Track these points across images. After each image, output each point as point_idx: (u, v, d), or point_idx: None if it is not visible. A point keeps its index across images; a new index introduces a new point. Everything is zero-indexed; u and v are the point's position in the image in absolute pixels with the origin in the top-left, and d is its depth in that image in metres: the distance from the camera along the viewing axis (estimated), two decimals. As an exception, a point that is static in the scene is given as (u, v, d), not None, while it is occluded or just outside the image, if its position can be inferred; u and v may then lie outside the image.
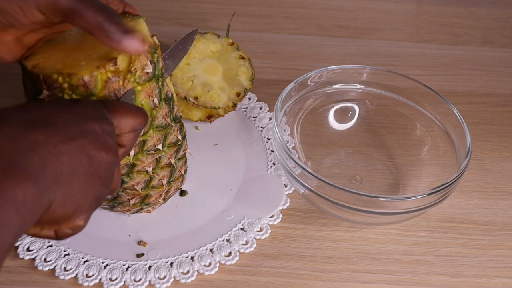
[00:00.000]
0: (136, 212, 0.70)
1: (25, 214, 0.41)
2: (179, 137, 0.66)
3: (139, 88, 0.58)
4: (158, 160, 0.64)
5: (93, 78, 0.54)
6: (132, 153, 0.61)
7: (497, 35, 1.02)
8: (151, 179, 0.65)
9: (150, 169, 0.64)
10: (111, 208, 0.69)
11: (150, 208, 0.70)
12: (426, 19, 1.05)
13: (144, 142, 0.61)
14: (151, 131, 0.61)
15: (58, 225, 0.47)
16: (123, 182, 0.64)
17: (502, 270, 0.70)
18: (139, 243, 0.68)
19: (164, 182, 0.67)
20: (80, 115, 0.48)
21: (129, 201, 0.67)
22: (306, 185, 0.67)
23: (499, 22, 1.05)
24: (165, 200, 0.70)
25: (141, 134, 0.60)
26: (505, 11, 1.08)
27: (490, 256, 0.71)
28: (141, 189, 0.65)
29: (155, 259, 0.67)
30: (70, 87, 0.54)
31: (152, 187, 0.66)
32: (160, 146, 0.63)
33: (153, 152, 0.63)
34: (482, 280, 0.68)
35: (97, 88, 0.55)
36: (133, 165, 0.63)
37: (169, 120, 0.62)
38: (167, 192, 0.69)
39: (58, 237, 0.48)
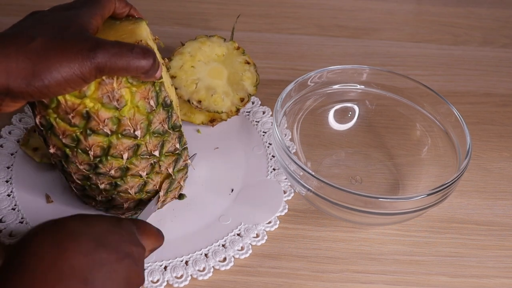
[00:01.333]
0: (131, 216, 0.70)
1: None
2: (178, 146, 0.65)
3: (133, 89, 0.57)
4: (153, 166, 0.64)
5: None
6: (125, 156, 0.60)
7: (497, 35, 1.02)
8: (145, 183, 0.65)
9: (144, 174, 0.63)
10: (107, 210, 0.69)
11: None
12: (426, 19, 1.05)
13: (138, 146, 0.61)
14: (147, 137, 0.61)
15: None
16: (116, 185, 0.64)
17: (502, 270, 0.70)
18: (135, 245, 0.68)
19: (162, 191, 0.67)
20: (123, 237, 0.52)
21: (123, 205, 0.66)
22: (306, 185, 0.67)
23: (499, 22, 1.05)
24: (161, 206, 0.70)
25: (136, 139, 0.60)
26: (505, 11, 1.08)
27: (490, 256, 0.71)
28: (135, 193, 0.65)
29: (149, 262, 0.66)
30: None
31: (146, 192, 0.66)
32: (156, 153, 0.63)
33: (148, 156, 0.62)
34: (482, 280, 0.69)
35: (90, 90, 0.55)
36: (127, 169, 0.62)
37: (166, 127, 0.62)
38: (163, 200, 0.69)
39: None
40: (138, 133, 0.59)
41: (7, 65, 0.50)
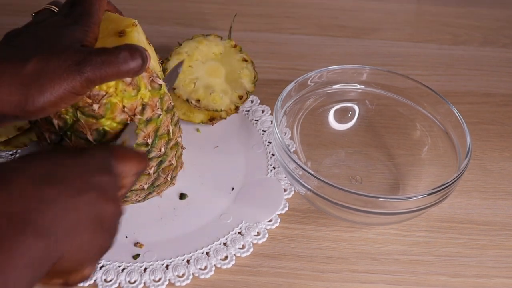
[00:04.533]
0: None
1: (36, 269, 0.42)
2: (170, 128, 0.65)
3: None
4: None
5: None
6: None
7: (497, 35, 1.02)
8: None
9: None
10: None
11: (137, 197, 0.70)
12: (426, 19, 1.05)
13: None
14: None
15: (66, 275, 0.48)
16: None
17: (502, 270, 0.70)
18: (135, 244, 0.68)
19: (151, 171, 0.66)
20: (87, 167, 0.49)
21: None
22: (306, 185, 0.67)
23: (499, 22, 1.05)
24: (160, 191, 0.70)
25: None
26: (505, 11, 1.08)
27: (490, 256, 0.71)
28: None
29: (151, 261, 0.67)
30: None
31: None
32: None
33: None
34: (482, 280, 0.68)
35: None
36: None
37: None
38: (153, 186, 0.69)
39: (67, 285, 0.49)
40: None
41: (0, 93, 0.49)
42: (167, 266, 0.66)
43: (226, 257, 0.68)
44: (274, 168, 0.77)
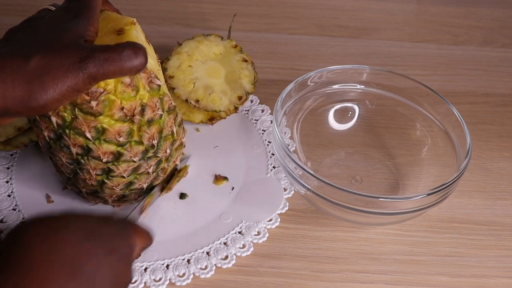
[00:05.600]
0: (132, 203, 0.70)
1: None
2: (174, 129, 0.66)
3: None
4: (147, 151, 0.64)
5: None
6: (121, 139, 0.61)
7: (497, 35, 1.02)
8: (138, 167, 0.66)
9: (136, 159, 0.64)
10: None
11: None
12: (426, 19, 1.05)
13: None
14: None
15: None
16: (110, 170, 0.64)
17: (502, 270, 0.70)
18: (136, 244, 0.68)
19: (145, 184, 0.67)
20: (113, 231, 0.52)
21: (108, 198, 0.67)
22: (306, 185, 0.67)
23: (499, 22, 1.05)
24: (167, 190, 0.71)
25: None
26: (505, 11, 1.08)
27: (490, 256, 0.71)
28: (128, 176, 0.65)
29: (151, 261, 0.67)
30: None
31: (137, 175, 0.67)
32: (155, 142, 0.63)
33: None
34: (482, 280, 0.69)
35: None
36: (119, 154, 0.63)
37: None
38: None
39: None
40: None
41: (4, 89, 0.50)
42: (167, 266, 0.67)
43: (227, 257, 0.68)
44: (274, 167, 0.77)
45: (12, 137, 0.74)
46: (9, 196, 0.72)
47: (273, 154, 0.79)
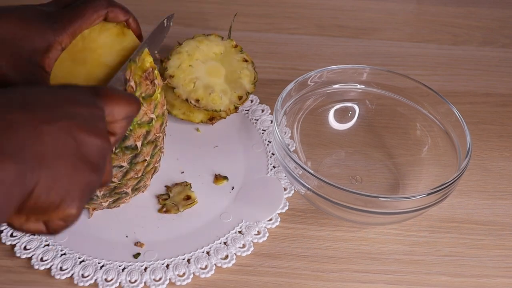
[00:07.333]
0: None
1: (4, 196, 0.40)
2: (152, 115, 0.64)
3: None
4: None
5: None
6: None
7: (497, 35, 1.02)
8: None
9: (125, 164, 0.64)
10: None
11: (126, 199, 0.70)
12: (426, 19, 1.05)
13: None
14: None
15: (46, 214, 0.44)
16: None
17: (502, 270, 0.70)
18: (136, 244, 0.68)
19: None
20: (66, 98, 0.45)
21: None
22: (306, 185, 0.67)
23: (499, 22, 1.05)
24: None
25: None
26: (505, 11, 1.08)
27: (490, 256, 0.71)
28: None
29: (151, 261, 0.66)
30: None
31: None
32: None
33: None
34: (482, 280, 0.69)
35: None
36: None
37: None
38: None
39: (50, 230, 0.45)
40: None
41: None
42: (167, 266, 0.66)
43: (227, 256, 0.68)
44: (274, 167, 0.77)
45: None
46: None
47: (273, 154, 0.79)
